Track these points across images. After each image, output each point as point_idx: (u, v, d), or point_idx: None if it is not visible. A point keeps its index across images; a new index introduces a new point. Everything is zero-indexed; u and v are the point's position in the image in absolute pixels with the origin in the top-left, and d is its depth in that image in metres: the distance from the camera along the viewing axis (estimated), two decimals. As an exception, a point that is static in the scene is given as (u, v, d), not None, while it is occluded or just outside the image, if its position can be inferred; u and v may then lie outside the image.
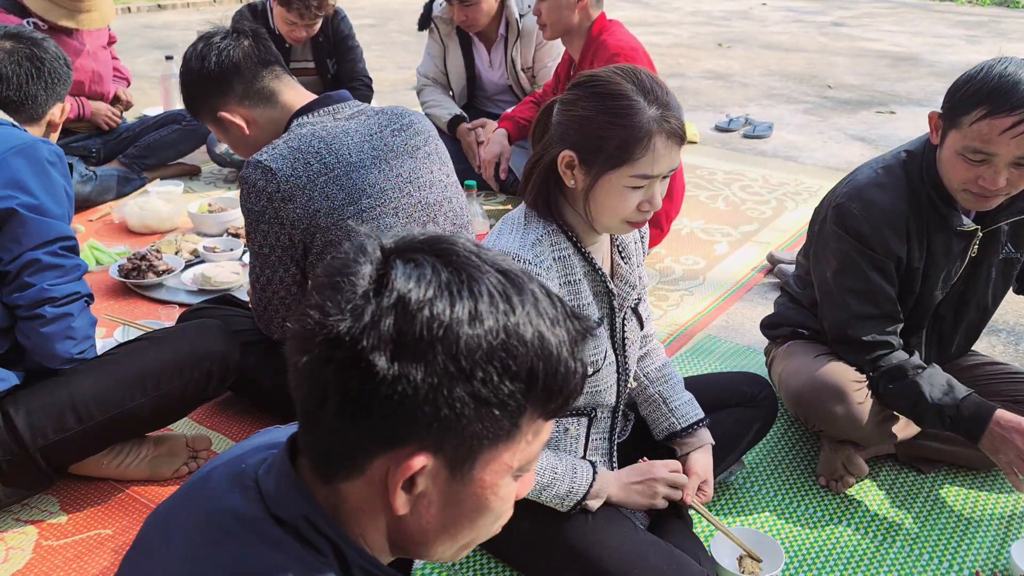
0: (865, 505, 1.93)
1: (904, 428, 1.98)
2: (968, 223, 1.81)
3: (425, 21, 3.68)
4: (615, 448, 1.72)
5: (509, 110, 3.40)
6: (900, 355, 1.84)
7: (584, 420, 1.66)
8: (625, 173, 1.40)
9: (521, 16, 3.48)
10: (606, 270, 1.61)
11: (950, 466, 2.04)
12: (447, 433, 0.73)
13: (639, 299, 1.69)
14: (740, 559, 1.68)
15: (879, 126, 4.93)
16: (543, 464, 1.53)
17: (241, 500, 0.79)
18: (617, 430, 1.72)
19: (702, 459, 1.68)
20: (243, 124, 1.89)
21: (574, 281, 1.53)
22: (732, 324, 2.71)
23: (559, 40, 3.08)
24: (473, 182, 2.86)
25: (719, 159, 4.29)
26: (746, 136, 4.65)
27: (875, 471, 2.04)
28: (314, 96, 1.92)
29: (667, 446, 1.74)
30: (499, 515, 0.82)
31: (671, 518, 1.68)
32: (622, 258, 1.65)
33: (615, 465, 1.71)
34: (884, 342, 1.85)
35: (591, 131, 1.40)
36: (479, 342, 0.71)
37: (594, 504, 1.57)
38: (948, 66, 6.52)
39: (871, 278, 1.82)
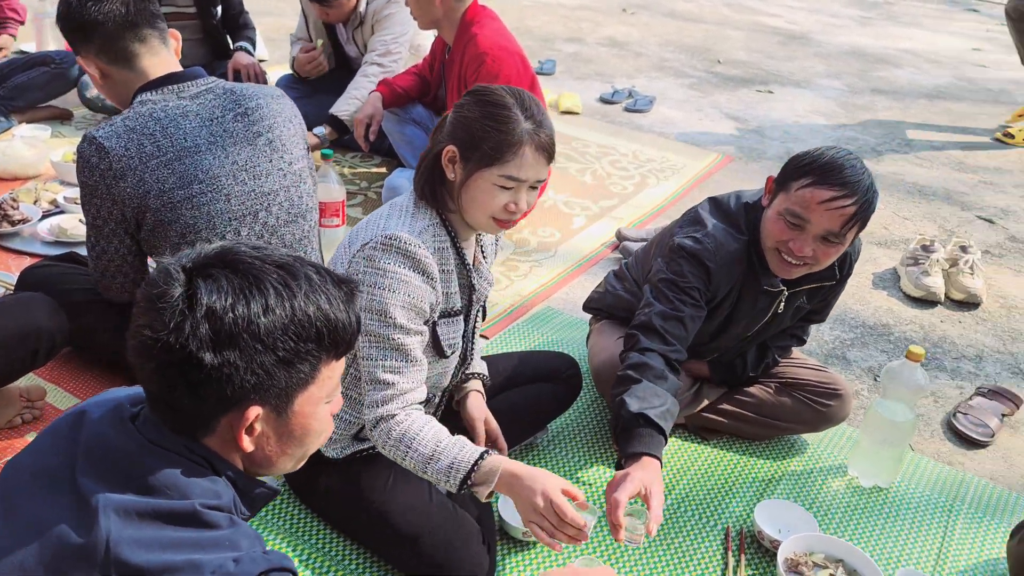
0: (650, 468, 2.19)
1: (691, 405, 2.24)
2: (777, 287, 2.00)
3: None
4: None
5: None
6: (660, 359, 1.88)
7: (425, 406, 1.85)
8: (495, 172, 1.60)
9: (368, 3, 3.53)
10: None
11: (730, 436, 2.31)
12: (268, 389, 1.03)
13: (486, 295, 1.88)
14: (524, 515, 1.90)
15: (755, 106, 5.19)
16: (428, 436, 1.57)
17: (127, 439, 1.04)
18: (442, 408, 1.92)
19: (476, 402, 1.89)
20: (96, 74, 1.94)
21: (447, 271, 1.70)
22: (571, 297, 2.93)
23: (397, 18, 3.20)
24: (330, 151, 2.97)
25: (596, 132, 4.47)
26: (627, 109, 4.84)
27: (665, 438, 2.29)
28: (175, 68, 1.95)
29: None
30: (321, 432, 1.14)
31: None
32: (483, 256, 1.83)
33: None
34: (666, 341, 1.90)
35: (472, 130, 1.60)
36: (274, 325, 1.01)
37: (483, 491, 1.55)
38: (833, 47, 6.83)
39: (693, 294, 1.93)
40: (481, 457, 1.55)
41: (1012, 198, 4.16)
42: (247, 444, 1.06)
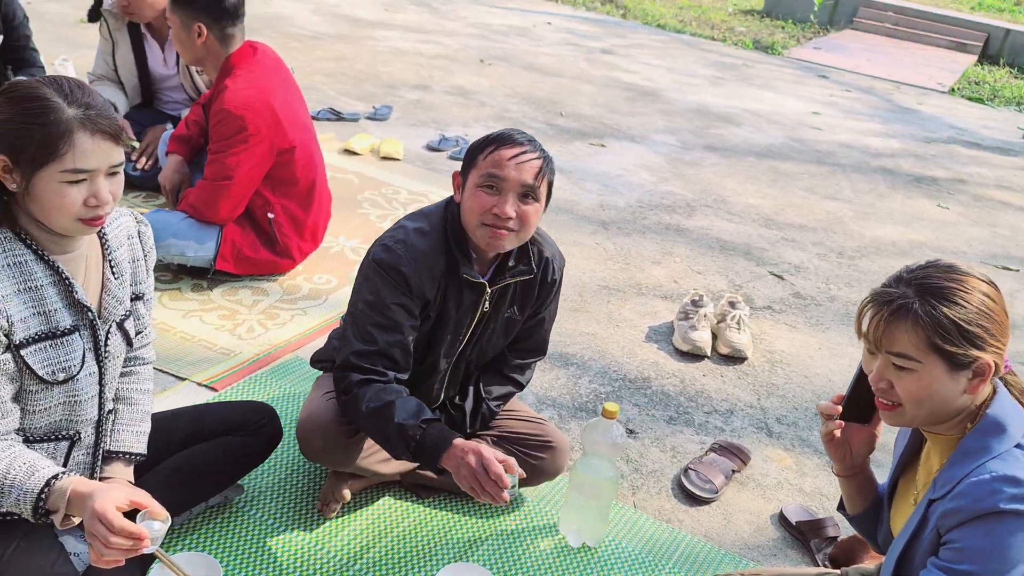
0: (353, 527, 2.09)
1: (402, 464, 2.16)
2: (479, 278, 2.00)
3: (95, 13, 3.59)
4: (99, 461, 1.76)
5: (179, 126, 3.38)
6: (388, 385, 1.92)
7: (64, 444, 1.69)
8: (55, 169, 1.47)
9: None
10: (93, 282, 1.65)
11: (447, 492, 2.24)
12: None
13: (127, 315, 1.74)
14: (180, 583, 1.77)
15: (584, 158, 5.27)
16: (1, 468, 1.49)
17: None
18: (104, 443, 1.76)
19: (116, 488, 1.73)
20: None
21: (35, 287, 1.56)
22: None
23: None
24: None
25: (412, 178, 4.44)
26: (452, 157, 4.84)
27: (379, 495, 2.20)
28: None
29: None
30: None
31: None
32: (113, 273, 1.69)
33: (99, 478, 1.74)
34: (381, 372, 1.93)
35: (13, 134, 1.47)
36: None
37: (58, 518, 1.47)
38: (680, 105, 7.05)
39: (395, 314, 1.95)
40: (48, 484, 1.47)
41: (808, 255, 4.31)
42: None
